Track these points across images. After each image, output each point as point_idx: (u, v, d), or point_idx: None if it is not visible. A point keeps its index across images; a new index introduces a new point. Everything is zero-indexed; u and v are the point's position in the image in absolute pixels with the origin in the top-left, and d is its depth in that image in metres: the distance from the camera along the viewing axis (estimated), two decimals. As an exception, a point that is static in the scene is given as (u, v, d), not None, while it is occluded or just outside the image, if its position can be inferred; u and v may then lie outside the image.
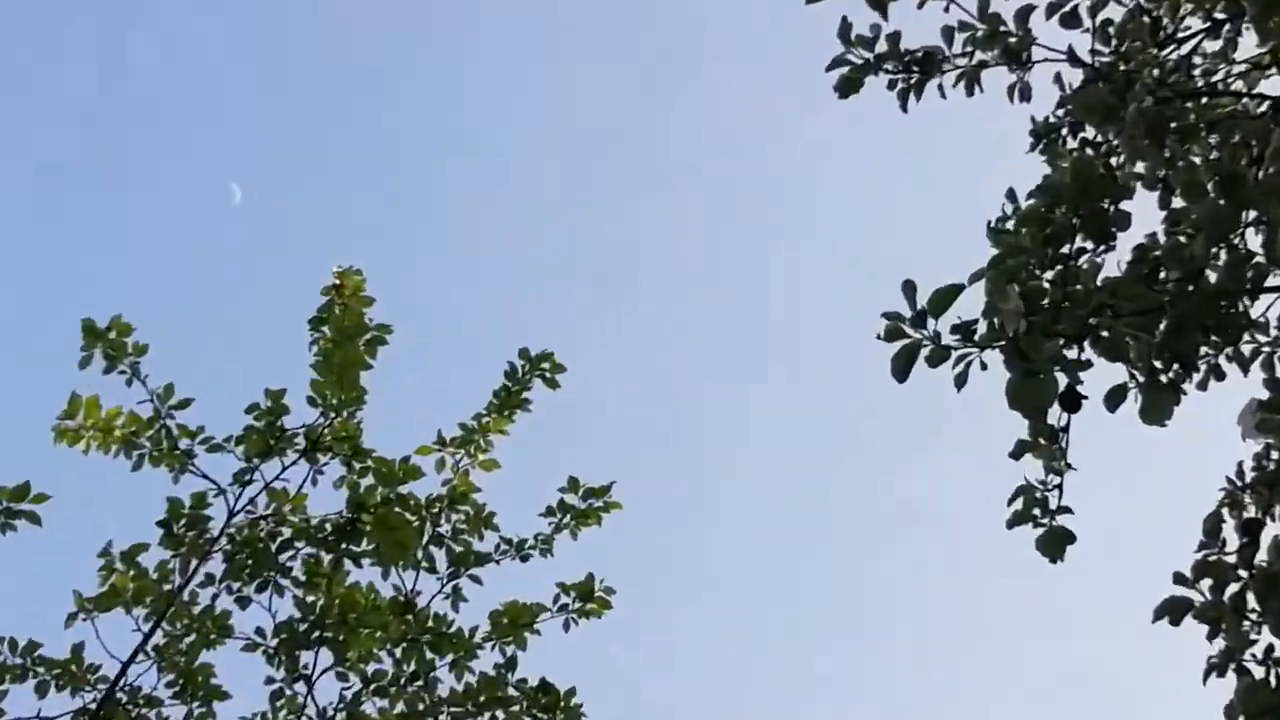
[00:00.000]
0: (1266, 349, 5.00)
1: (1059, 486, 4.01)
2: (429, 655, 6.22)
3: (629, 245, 17.40)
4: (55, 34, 15.46)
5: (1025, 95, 5.12)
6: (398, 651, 6.22)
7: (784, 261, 16.92)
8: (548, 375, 6.70)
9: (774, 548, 15.68)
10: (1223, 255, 3.80)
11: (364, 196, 16.65)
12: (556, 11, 16.54)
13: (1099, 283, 3.66)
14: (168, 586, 5.95)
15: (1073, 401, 3.51)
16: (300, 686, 6.03)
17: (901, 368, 3.39)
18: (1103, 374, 3.54)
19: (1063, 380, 3.42)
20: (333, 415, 6.08)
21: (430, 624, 6.26)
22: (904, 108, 4.83)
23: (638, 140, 17.35)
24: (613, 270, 17.21)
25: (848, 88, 4.77)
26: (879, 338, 3.38)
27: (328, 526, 6.11)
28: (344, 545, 6.09)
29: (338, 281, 6.06)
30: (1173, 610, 4.20)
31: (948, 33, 4.81)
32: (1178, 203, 4.51)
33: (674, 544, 15.12)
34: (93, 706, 5.71)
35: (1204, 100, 4.86)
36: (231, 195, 14.83)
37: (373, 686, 6.10)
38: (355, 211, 16.29)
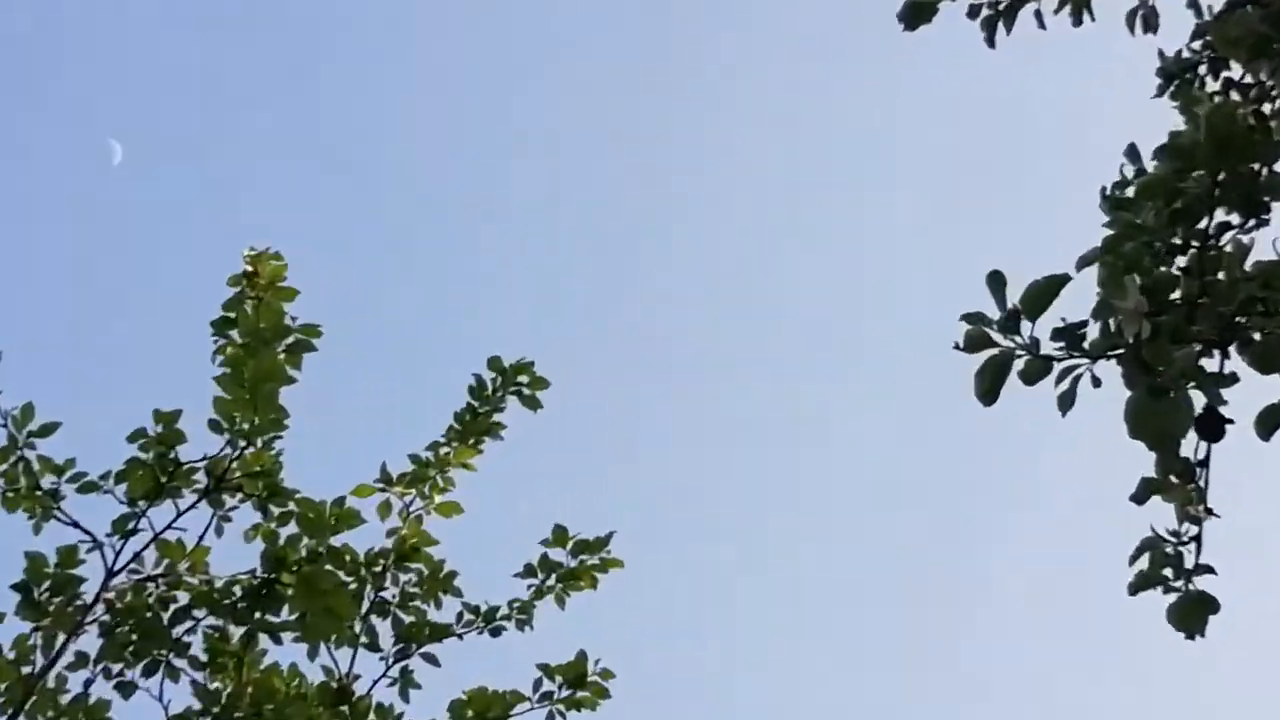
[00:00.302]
0: None
1: (1197, 539, 3.91)
2: (370, 758, 6.14)
3: (623, 239, 17.41)
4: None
5: (1150, 24, 5.11)
6: (329, 754, 6.16)
7: (822, 257, 16.91)
8: (526, 392, 6.70)
9: (822, 621, 15.60)
10: None
11: (282, 166, 16.64)
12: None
13: (1247, 269, 3.64)
14: (27, 669, 5.90)
15: (1214, 427, 3.51)
16: (200, 801, 5.97)
17: (988, 386, 3.40)
18: (1253, 389, 3.52)
19: (1200, 400, 3.41)
20: (243, 444, 6.05)
21: (372, 717, 6.24)
22: (990, 41, 4.83)
23: (635, 116, 17.43)
24: (606, 267, 17.22)
25: (917, 15, 4.76)
26: (957, 347, 3.39)
27: (237, 590, 6.07)
28: (258, 614, 6.05)
29: (250, 268, 6.01)
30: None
31: (1048, -58, 4.80)
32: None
33: (691, 612, 15.06)
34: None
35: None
36: (111, 153, 14.76)
37: (295, 802, 6.06)
38: (270, 184, 16.27)
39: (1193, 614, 3.81)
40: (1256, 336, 3.52)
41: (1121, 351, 3.36)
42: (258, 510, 6.11)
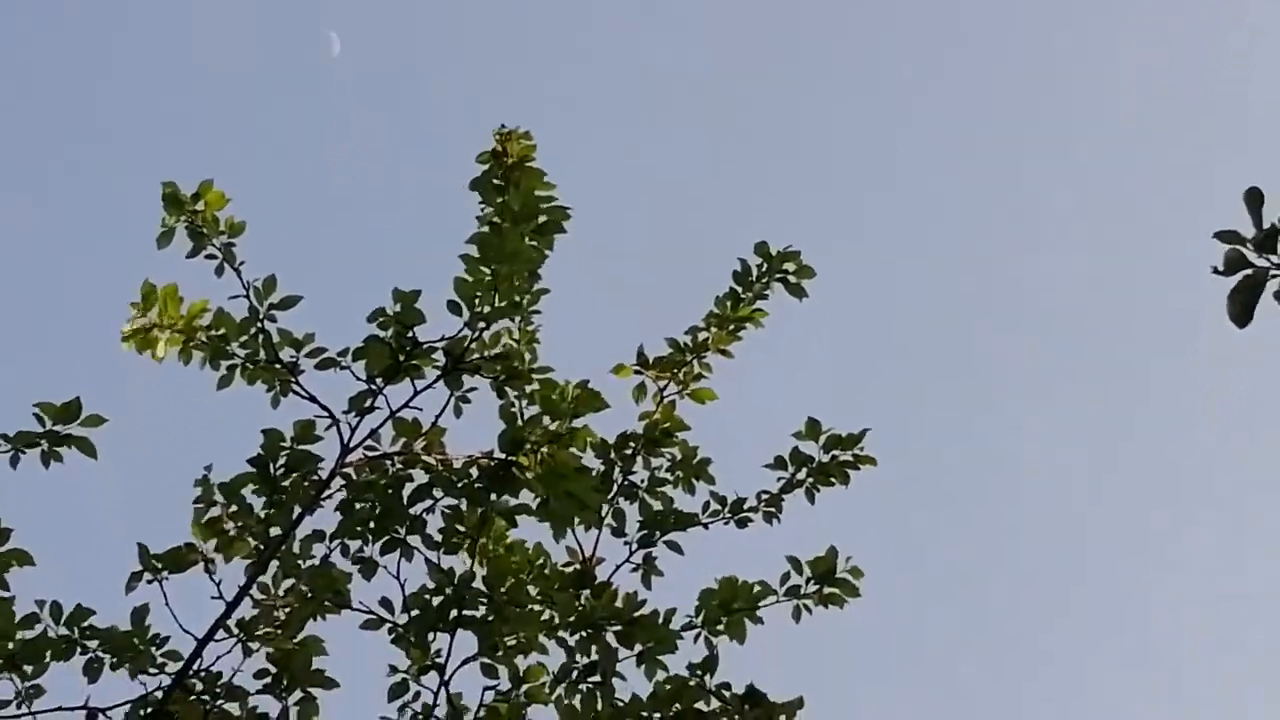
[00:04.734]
0: None
1: None
2: (613, 645, 5.84)
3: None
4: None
5: None
6: (571, 638, 5.86)
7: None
8: (792, 280, 6.45)
9: (1087, 529, 14.81)
10: None
11: (504, 47, 16.23)
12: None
13: None
14: (275, 531, 5.76)
15: None
16: (431, 680, 5.73)
17: (1242, 308, 3.26)
18: None
19: None
20: (482, 326, 5.80)
21: (619, 604, 5.92)
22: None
23: None
24: (869, 145, 16.49)
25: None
26: (1215, 270, 3.26)
27: (473, 471, 5.82)
28: (494, 496, 5.79)
29: (499, 147, 5.78)
30: None
31: None
32: None
33: (947, 514, 14.41)
34: (158, 694, 5.48)
35: None
36: (330, 45, 14.72)
37: (525, 688, 5.77)
38: (494, 69, 15.92)
39: None
40: None
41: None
42: (494, 391, 5.86)
